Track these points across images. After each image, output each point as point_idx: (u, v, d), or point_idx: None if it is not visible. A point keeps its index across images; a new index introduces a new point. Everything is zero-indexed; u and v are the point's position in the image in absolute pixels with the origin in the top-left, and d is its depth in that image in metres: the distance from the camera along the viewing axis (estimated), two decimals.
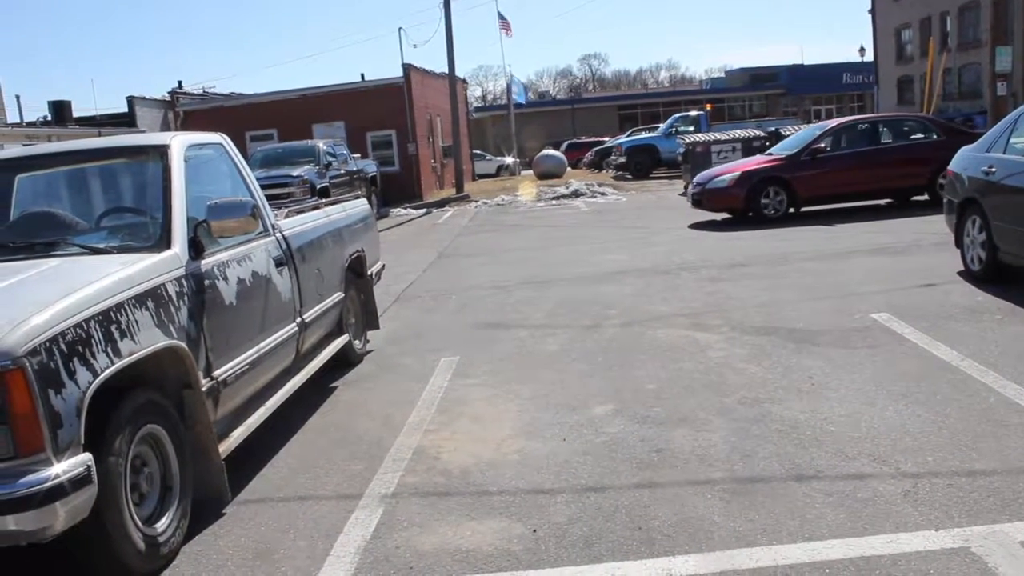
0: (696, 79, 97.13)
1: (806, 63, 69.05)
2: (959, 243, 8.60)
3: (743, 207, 14.78)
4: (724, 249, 11.82)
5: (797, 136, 16.56)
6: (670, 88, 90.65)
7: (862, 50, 52.83)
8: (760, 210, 14.61)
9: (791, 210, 14.67)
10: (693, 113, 34.62)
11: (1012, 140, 7.82)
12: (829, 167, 14.59)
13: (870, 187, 14.78)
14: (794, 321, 7.23)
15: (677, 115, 34.55)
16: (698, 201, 15.46)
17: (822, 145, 14.80)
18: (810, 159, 14.63)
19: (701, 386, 5.72)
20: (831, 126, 15.51)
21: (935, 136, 15.27)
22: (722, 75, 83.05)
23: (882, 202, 15.37)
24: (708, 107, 41.07)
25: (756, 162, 15.40)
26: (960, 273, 8.49)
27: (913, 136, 15.55)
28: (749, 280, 9.34)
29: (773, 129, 23.30)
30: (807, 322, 7.16)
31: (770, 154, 15.96)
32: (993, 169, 7.81)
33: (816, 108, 65.16)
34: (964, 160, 8.66)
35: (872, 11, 52.78)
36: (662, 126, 34.53)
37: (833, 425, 4.78)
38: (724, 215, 15.47)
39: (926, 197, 14.76)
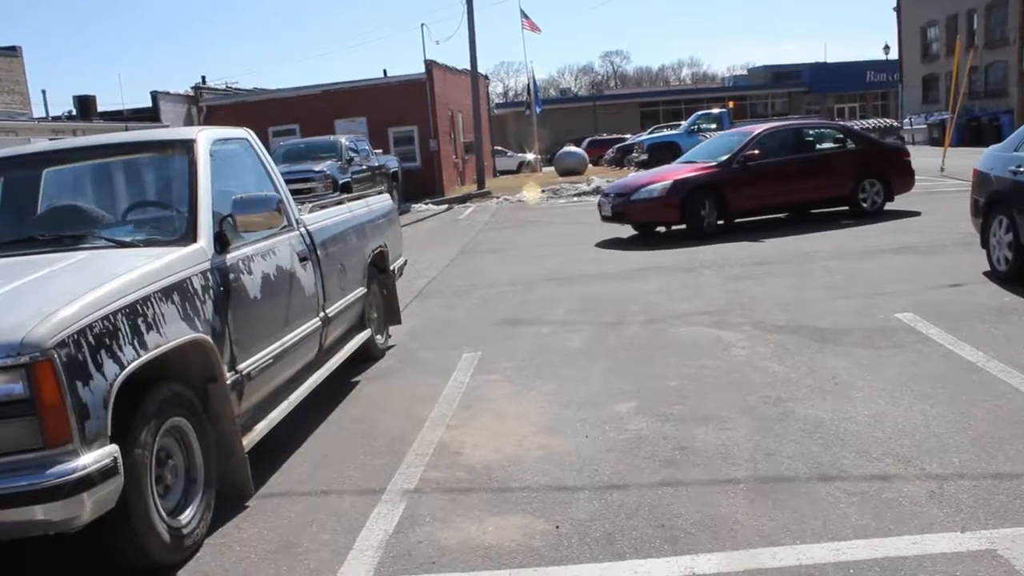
0: (718, 76, 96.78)
1: (829, 61, 68.73)
2: (985, 243, 8.51)
3: (678, 219, 13.36)
4: (746, 246, 11.76)
5: (716, 142, 15.52)
6: (692, 85, 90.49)
7: (886, 48, 52.62)
8: (696, 223, 13.18)
9: (720, 222, 13.35)
10: (715, 111, 34.44)
11: None
12: (761, 176, 13.44)
13: (798, 198, 13.93)
14: (818, 320, 7.19)
15: (699, 113, 34.39)
16: (619, 214, 13.78)
17: (756, 152, 13.56)
18: (741, 167, 13.45)
19: (724, 384, 5.69)
20: (757, 132, 14.26)
21: (852, 144, 14.59)
22: (744, 73, 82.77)
23: (781, 215, 14.44)
24: (730, 105, 40.97)
25: (685, 170, 13.95)
26: (986, 273, 8.41)
27: (834, 144, 14.78)
28: (773, 278, 9.29)
29: None
30: (831, 321, 7.11)
31: (692, 161, 14.60)
32: (1021, 169, 7.72)
33: (839, 106, 64.77)
34: (991, 159, 8.57)
35: (897, 8, 52.35)
36: (684, 124, 34.36)
37: (857, 425, 4.75)
38: (631, 232, 14.19)
39: (846, 208, 14.10)
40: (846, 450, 4.41)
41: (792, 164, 13.83)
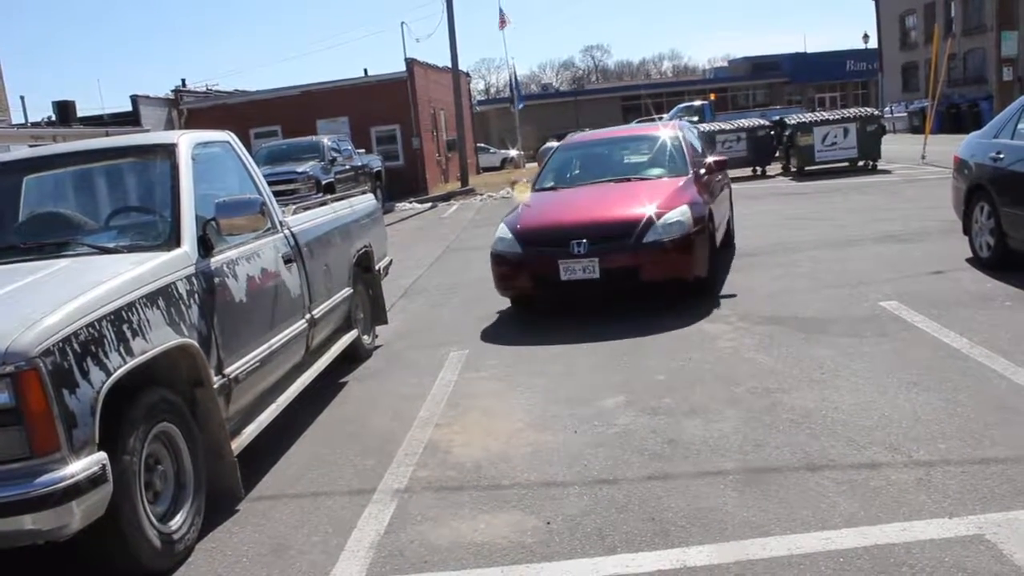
0: (699, 69, 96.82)
1: (809, 51, 68.82)
2: (967, 230, 8.56)
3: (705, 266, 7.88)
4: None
5: (632, 142, 10.22)
6: (673, 78, 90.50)
7: (866, 37, 52.58)
8: (711, 268, 8.11)
9: None
10: (697, 103, 34.66)
11: (1020, 126, 7.78)
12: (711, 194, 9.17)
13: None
14: (803, 310, 7.22)
15: (681, 105, 34.62)
16: (623, 273, 7.53)
17: (724, 158, 10.06)
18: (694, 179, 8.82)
19: (711, 376, 5.71)
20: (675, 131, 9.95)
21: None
22: (725, 64, 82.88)
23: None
24: (712, 97, 41.02)
25: (674, 186, 8.39)
26: (968, 260, 8.45)
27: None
28: (757, 269, 9.31)
29: (777, 118, 23.25)
30: (816, 311, 7.15)
31: (622, 178, 9.12)
32: (1001, 155, 7.77)
33: (819, 96, 65.00)
34: (972, 146, 8.62)
35: None
36: (666, 116, 34.47)
37: (844, 414, 4.77)
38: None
39: None
40: (834, 439, 4.43)
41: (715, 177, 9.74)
